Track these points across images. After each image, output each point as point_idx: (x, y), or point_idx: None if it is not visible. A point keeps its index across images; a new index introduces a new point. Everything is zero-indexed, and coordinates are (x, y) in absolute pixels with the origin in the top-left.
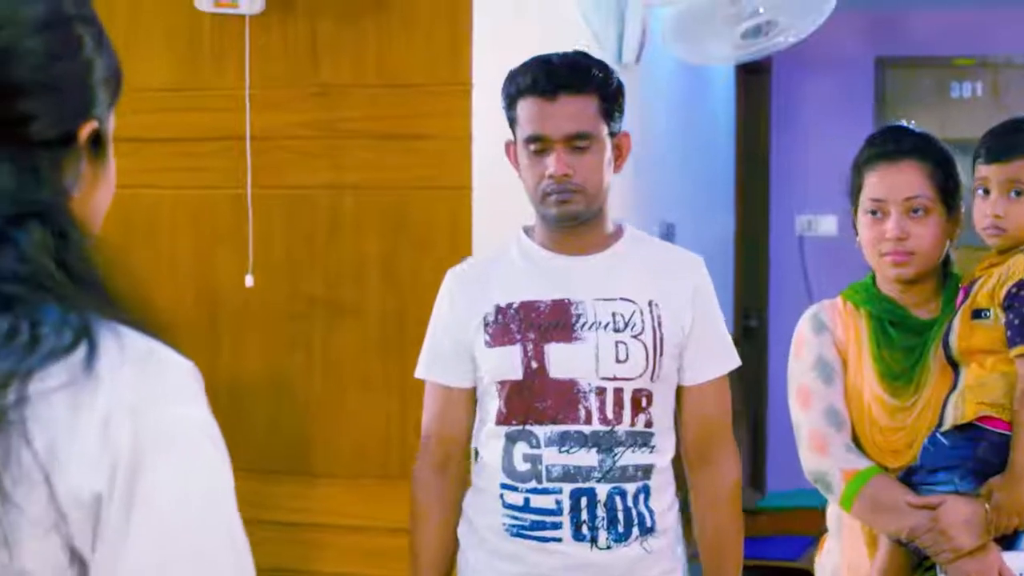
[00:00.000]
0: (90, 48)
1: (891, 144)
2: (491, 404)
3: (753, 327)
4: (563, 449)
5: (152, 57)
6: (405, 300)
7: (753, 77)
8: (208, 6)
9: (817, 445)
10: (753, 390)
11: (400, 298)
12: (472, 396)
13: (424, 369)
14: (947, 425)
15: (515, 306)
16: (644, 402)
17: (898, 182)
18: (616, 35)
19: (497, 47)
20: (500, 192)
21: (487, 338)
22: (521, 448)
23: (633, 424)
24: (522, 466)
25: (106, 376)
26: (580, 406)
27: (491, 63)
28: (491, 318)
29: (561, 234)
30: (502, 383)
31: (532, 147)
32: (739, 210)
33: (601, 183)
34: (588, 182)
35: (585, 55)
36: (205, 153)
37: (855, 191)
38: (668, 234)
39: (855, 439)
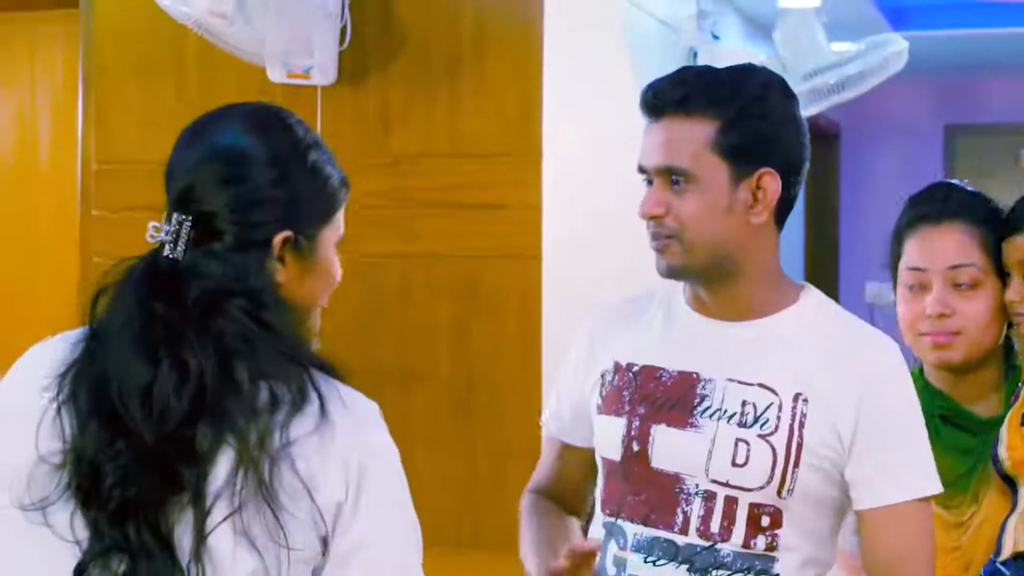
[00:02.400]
0: (273, 181)
1: (934, 203)
2: (600, 484)
3: None
4: (649, 558)
5: None
6: (475, 368)
7: (823, 144)
8: (280, 77)
9: (850, 568)
10: None
11: (470, 366)
12: (593, 459)
13: (545, 415)
14: (1006, 552)
15: (636, 369)
16: (766, 521)
17: (940, 247)
18: None
19: (568, 116)
20: (571, 261)
21: (599, 401)
22: (612, 547)
23: (748, 546)
24: (611, 570)
25: (336, 420)
26: (679, 509)
27: (562, 132)
28: (608, 377)
29: (702, 291)
30: (604, 460)
31: (642, 178)
32: (808, 278)
33: (708, 232)
34: (686, 228)
35: (748, 68)
36: None
37: (894, 261)
38: None
39: None
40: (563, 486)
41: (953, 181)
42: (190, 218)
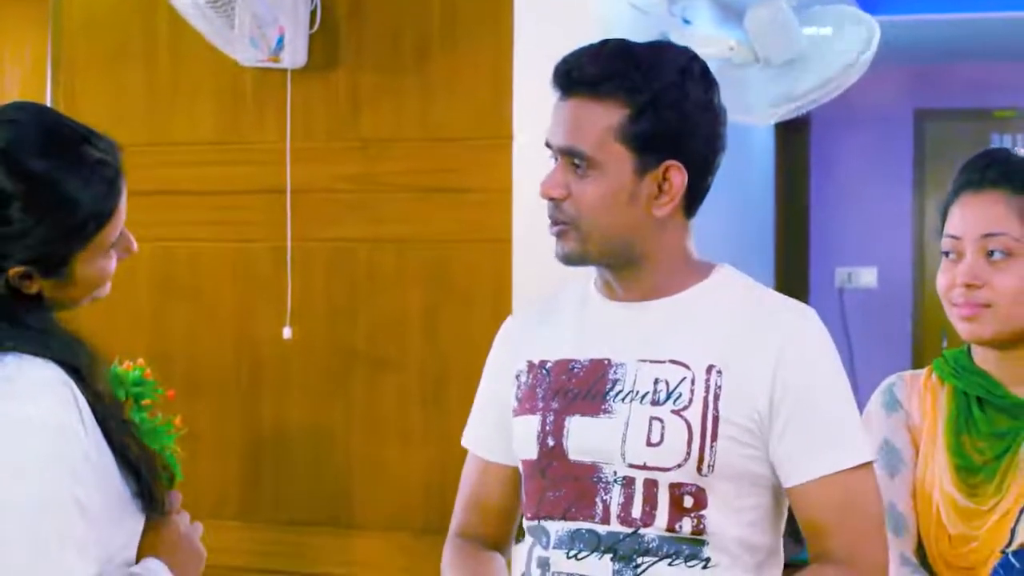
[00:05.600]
0: (17, 217)
1: (976, 171)
2: (523, 489)
3: None
4: (571, 553)
5: (194, 111)
6: (446, 353)
7: (792, 132)
8: (250, 61)
9: None
10: None
11: (440, 351)
12: (516, 477)
13: (464, 434)
14: (1017, 542)
15: (548, 365)
16: (688, 502)
17: (976, 216)
18: None
19: (538, 101)
20: (541, 245)
21: (515, 404)
22: (537, 550)
23: (672, 529)
24: (535, 572)
25: None
26: (597, 499)
27: (532, 117)
28: (523, 378)
29: (608, 276)
30: (524, 463)
31: (548, 154)
32: (779, 263)
33: (606, 221)
34: (583, 215)
35: (666, 48)
36: (246, 206)
37: (942, 230)
38: None
39: (920, 547)
40: (487, 515)
41: (1003, 148)
42: None
